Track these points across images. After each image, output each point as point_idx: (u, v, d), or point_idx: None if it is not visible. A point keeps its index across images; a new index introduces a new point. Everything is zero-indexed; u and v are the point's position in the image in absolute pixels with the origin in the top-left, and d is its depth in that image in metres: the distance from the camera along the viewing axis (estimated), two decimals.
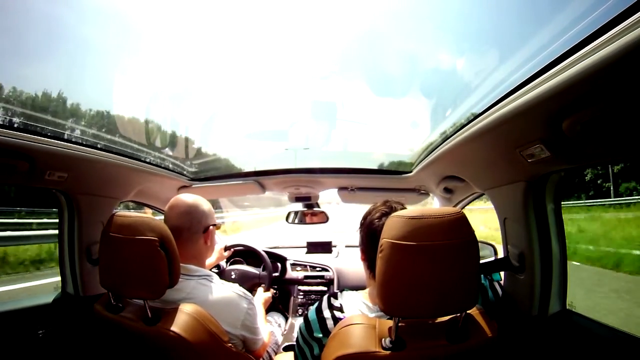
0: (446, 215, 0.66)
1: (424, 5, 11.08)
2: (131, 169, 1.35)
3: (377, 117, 12.53)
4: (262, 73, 25.75)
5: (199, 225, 1.01)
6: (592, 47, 0.51)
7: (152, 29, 17.29)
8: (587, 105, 0.58)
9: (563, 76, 0.57)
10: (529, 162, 0.82)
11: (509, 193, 0.98)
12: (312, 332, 0.81)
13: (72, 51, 14.44)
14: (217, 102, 10.50)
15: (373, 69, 12.05)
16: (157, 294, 0.83)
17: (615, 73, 0.50)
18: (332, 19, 16.89)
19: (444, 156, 1.16)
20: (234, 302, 0.95)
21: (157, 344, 0.84)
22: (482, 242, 1.42)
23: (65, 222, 1.30)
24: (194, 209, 1.01)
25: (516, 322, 0.99)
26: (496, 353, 0.74)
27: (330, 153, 4.91)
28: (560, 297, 0.94)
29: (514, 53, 1.19)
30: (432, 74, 6.29)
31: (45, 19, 12.63)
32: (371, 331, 0.70)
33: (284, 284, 1.99)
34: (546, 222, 0.93)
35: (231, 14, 22.24)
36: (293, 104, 17.76)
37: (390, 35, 12.57)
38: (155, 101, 4.20)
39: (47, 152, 0.99)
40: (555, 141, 0.71)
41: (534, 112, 0.67)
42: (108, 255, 0.89)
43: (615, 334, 0.80)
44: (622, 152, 0.68)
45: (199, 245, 1.02)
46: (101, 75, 12.68)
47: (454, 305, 0.68)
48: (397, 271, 0.66)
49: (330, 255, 2.28)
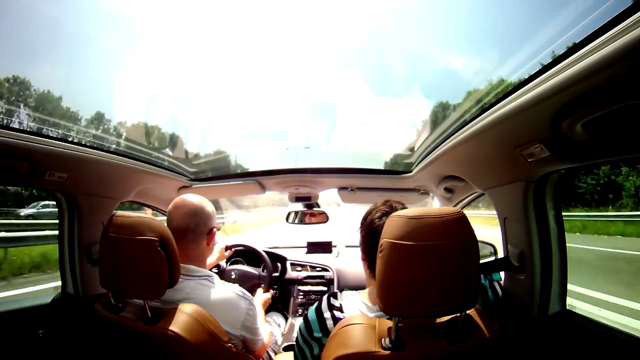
0: (446, 215, 0.66)
1: (424, 5, 11.10)
2: (131, 169, 1.35)
3: (378, 117, 12.55)
4: (263, 73, 25.76)
5: (204, 227, 1.01)
6: (592, 47, 0.51)
7: (156, 29, 17.32)
8: (586, 105, 0.58)
9: (563, 76, 0.56)
10: (529, 161, 0.82)
11: (509, 193, 0.98)
12: (312, 332, 0.81)
13: (72, 50, 14.45)
14: (217, 102, 10.52)
15: (373, 69, 12.09)
16: (157, 294, 0.83)
17: (615, 73, 0.50)
18: (332, 18, 16.91)
19: (444, 156, 1.16)
20: (234, 302, 0.95)
21: (156, 344, 0.84)
22: (482, 242, 1.42)
23: (65, 223, 1.30)
24: (199, 210, 1.01)
25: (516, 322, 0.99)
26: (496, 353, 0.74)
27: (330, 153, 4.91)
28: (560, 297, 0.94)
29: (514, 53, 1.20)
30: (433, 73, 6.32)
31: (48, 19, 12.65)
32: (371, 331, 0.70)
33: (284, 284, 1.99)
34: (546, 222, 0.93)
35: (233, 14, 22.31)
36: (294, 104, 17.77)
37: (390, 35, 12.59)
38: (155, 101, 4.20)
39: (47, 152, 0.99)
40: (555, 141, 0.71)
41: (534, 112, 0.67)
42: (108, 256, 0.89)
43: (615, 334, 0.80)
44: (622, 151, 0.68)
45: (201, 247, 1.02)
46: (101, 75, 12.67)
47: (453, 305, 0.68)
48: (397, 271, 0.66)
49: (330, 255, 2.27)
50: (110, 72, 9.77)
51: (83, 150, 1.10)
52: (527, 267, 0.96)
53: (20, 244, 5.91)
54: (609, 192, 12.47)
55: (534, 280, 0.94)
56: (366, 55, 19.49)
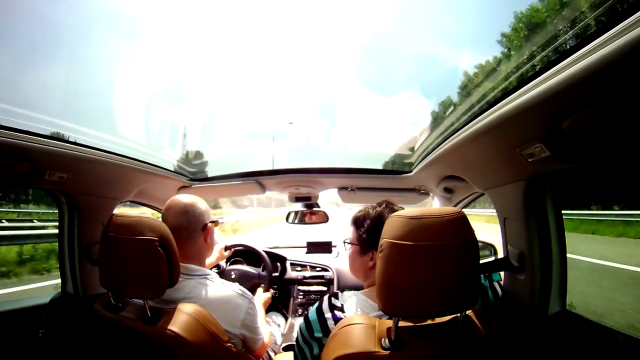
0: (446, 215, 0.66)
1: (424, 5, 11.11)
2: (131, 169, 1.35)
3: (377, 116, 12.57)
4: (263, 73, 25.77)
5: (197, 224, 1.01)
6: (592, 47, 0.51)
7: (156, 29, 17.33)
8: (587, 105, 0.58)
9: (563, 76, 0.56)
10: (529, 161, 0.82)
11: (509, 193, 0.98)
12: (312, 332, 0.81)
13: (73, 49, 14.46)
14: (217, 102, 10.53)
15: (373, 69, 12.11)
16: (157, 293, 0.83)
17: (615, 72, 0.50)
18: (332, 18, 16.91)
19: (444, 156, 1.16)
20: (233, 301, 0.95)
21: (156, 343, 0.84)
22: (482, 242, 1.42)
23: (65, 222, 1.30)
24: (190, 207, 1.01)
25: (516, 322, 0.99)
26: (496, 353, 0.74)
27: (330, 153, 4.91)
28: (560, 297, 0.94)
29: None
30: (433, 73, 6.33)
31: (46, 20, 12.67)
32: (371, 331, 0.70)
33: (284, 284, 1.99)
34: (546, 222, 0.93)
35: (234, 14, 22.32)
36: (294, 104, 17.79)
37: (390, 35, 12.60)
38: (156, 101, 4.21)
39: (47, 152, 0.99)
40: (555, 141, 0.71)
41: (534, 112, 0.67)
42: (108, 255, 0.89)
43: (614, 334, 0.80)
44: (622, 151, 0.68)
45: (198, 244, 1.02)
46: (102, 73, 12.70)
47: (453, 305, 0.68)
48: (397, 271, 0.66)
49: (330, 255, 2.27)
50: (110, 71, 9.81)
51: (83, 150, 1.10)
52: (527, 267, 0.96)
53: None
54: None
55: (534, 280, 0.94)
56: (366, 55, 19.53)
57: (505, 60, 6.78)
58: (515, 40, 8.52)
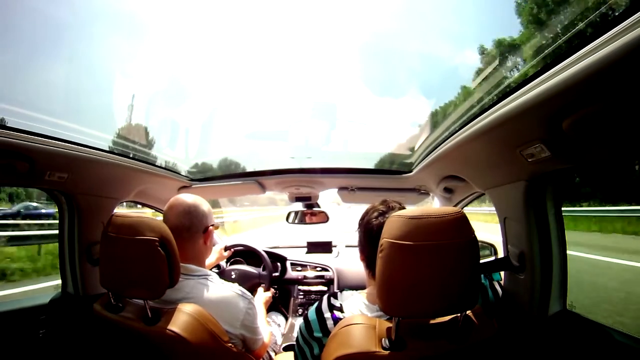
0: (446, 215, 0.66)
1: (424, 5, 11.10)
2: (131, 169, 1.35)
3: (378, 116, 12.55)
4: (264, 73, 25.77)
5: (199, 226, 1.01)
6: (591, 47, 0.51)
7: (156, 28, 17.33)
8: (587, 105, 0.58)
9: (563, 76, 0.56)
10: (529, 161, 0.82)
11: (509, 193, 0.98)
12: (312, 332, 0.81)
13: (73, 48, 14.45)
14: (218, 102, 10.52)
15: (373, 69, 12.08)
16: (157, 293, 0.83)
17: (615, 72, 0.50)
18: (332, 18, 16.91)
19: (444, 156, 1.16)
20: (233, 301, 0.95)
21: (157, 343, 0.84)
22: (482, 242, 1.42)
23: (65, 223, 1.30)
24: (193, 209, 1.01)
25: (516, 322, 0.99)
26: (496, 353, 0.74)
27: (330, 153, 4.91)
28: (561, 297, 0.94)
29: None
30: (433, 73, 6.32)
31: (47, 18, 12.66)
32: (371, 331, 0.70)
33: (284, 284, 1.99)
34: (546, 222, 0.93)
35: (234, 14, 22.29)
36: (294, 104, 17.79)
37: (390, 35, 12.59)
38: (156, 101, 4.21)
39: (47, 152, 0.99)
40: (556, 141, 0.71)
41: (534, 112, 0.67)
42: (108, 256, 0.89)
43: (614, 334, 0.80)
44: (622, 151, 0.68)
45: (198, 246, 1.02)
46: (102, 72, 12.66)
47: (454, 305, 0.68)
48: (397, 271, 0.66)
49: (330, 255, 2.27)
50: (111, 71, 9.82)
51: (83, 150, 1.10)
52: (527, 267, 0.96)
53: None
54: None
55: (534, 280, 0.94)
56: (366, 55, 19.51)
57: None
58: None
